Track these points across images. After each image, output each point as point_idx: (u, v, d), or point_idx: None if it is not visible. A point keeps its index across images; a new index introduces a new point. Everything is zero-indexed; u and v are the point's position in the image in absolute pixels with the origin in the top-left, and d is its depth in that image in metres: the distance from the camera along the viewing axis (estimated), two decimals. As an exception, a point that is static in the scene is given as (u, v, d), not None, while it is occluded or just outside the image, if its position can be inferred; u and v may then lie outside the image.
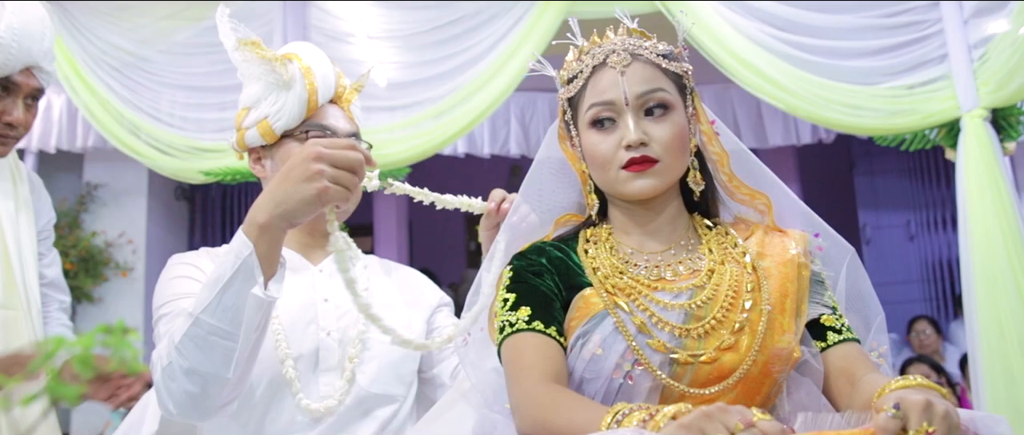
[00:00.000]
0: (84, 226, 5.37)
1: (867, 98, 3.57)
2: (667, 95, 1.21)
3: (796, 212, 1.32)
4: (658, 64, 1.22)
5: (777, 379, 1.14)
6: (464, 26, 3.87)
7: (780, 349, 1.13)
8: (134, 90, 3.88)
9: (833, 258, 1.31)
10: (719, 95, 5.11)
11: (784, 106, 3.64)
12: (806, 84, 3.59)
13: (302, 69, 1.55)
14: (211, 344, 1.21)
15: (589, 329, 1.15)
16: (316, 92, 1.55)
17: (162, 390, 1.26)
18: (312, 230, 1.59)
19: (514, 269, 1.24)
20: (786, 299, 1.17)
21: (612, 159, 1.20)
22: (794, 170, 5.87)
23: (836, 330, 1.20)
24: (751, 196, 1.31)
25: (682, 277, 1.20)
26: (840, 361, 1.17)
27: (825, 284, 1.24)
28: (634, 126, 1.19)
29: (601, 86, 1.22)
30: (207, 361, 1.21)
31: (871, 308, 1.31)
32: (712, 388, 1.11)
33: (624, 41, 1.25)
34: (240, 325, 1.21)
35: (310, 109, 1.55)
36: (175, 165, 3.94)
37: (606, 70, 1.22)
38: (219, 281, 1.21)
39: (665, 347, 1.12)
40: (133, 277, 5.28)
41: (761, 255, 1.22)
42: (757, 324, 1.14)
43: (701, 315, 1.15)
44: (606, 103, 1.21)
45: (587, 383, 1.15)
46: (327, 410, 1.44)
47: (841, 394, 1.16)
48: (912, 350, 5.00)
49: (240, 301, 1.20)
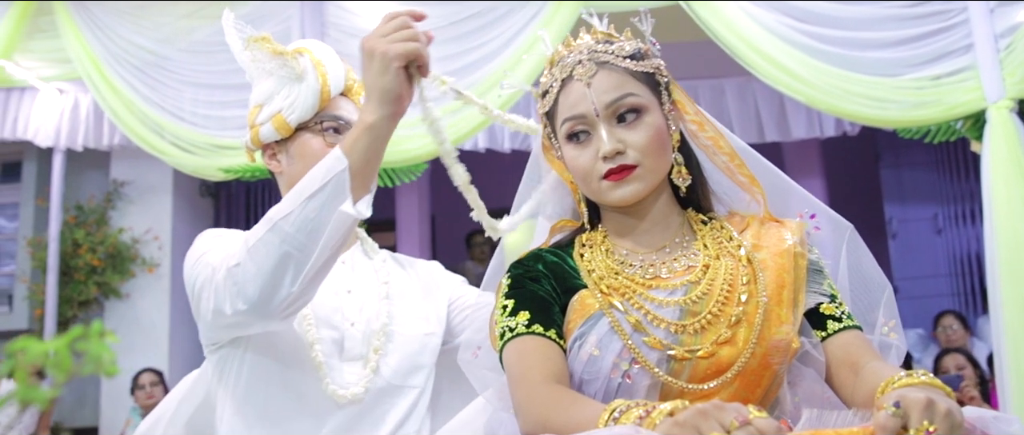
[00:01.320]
0: (111, 223, 5.46)
1: (890, 90, 3.52)
2: (637, 99, 1.20)
3: (791, 193, 1.31)
4: (626, 68, 1.21)
5: (777, 371, 1.13)
6: (481, 21, 3.87)
7: (778, 340, 1.13)
8: (155, 88, 3.94)
9: (832, 239, 1.30)
10: (741, 88, 5.06)
11: (805, 99, 3.60)
12: (827, 76, 3.55)
13: (313, 61, 1.56)
14: (284, 254, 1.23)
15: (585, 330, 1.16)
16: (328, 83, 1.56)
17: (223, 290, 1.28)
18: None
19: (512, 276, 1.25)
20: (783, 290, 1.17)
21: (592, 171, 1.20)
22: (818, 163, 5.80)
23: (836, 318, 1.18)
24: (751, 181, 1.30)
25: (677, 274, 1.20)
26: (841, 350, 1.16)
27: (824, 272, 1.23)
28: (607, 137, 1.18)
29: (571, 100, 1.22)
30: (275, 270, 1.23)
31: (876, 283, 1.29)
32: (711, 383, 1.11)
33: (590, 47, 1.24)
34: (317, 240, 1.22)
35: (323, 100, 1.56)
36: (196, 162, 3.99)
37: (573, 83, 1.22)
38: (305, 191, 1.22)
39: (662, 344, 1.12)
40: (160, 273, 5.36)
41: (757, 247, 1.21)
42: (754, 316, 1.13)
43: (697, 310, 1.14)
44: (577, 117, 1.21)
45: (587, 384, 1.15)
46: (354, 397, 1.46)
47: (844, 384, 1.14)
48: (939, 345, 4.92)
49: (323, 215, 1.22)
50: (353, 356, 1.51)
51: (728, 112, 5.20)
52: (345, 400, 1.46)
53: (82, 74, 4.17)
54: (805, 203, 1.31)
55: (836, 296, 1.21)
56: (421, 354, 1.57)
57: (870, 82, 3.53)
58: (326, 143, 1.55)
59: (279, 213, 1.25)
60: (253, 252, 1.25)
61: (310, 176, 1.25)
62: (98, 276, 5.29)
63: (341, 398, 1.46)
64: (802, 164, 5.80)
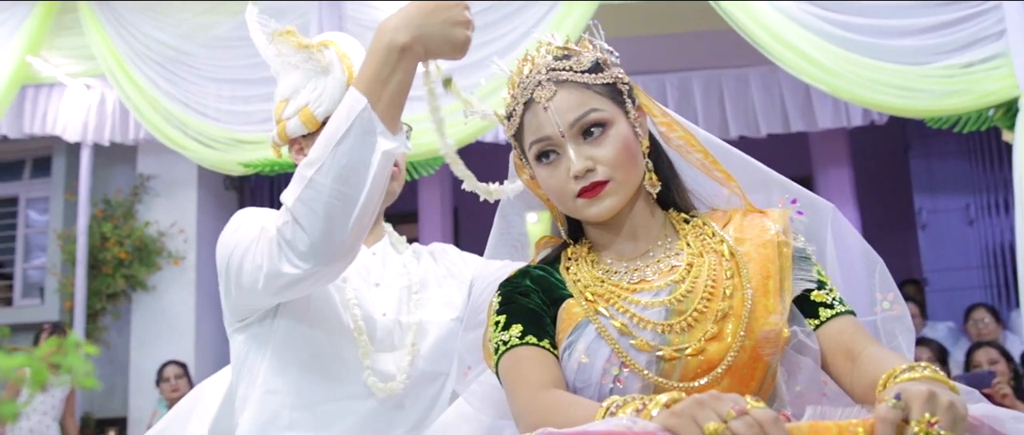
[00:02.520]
0: (138, 216, 5.53)
1: (918, 78, 3.44)
2: (600, 113, 1.20)
3: (770, 182, 1.31)
4: (585, 83, 1.21)
5: (769, 363, 1.13)
6: (499, 12, 3.85)
7: (768, 331, 1.12)
8: (177, 84, 3.97)
9: (816, 222, 1.29)
10: (766, 77, 4.98)
11: (830, 89, 3.54)
12: (853, 66, 3.48)
13: (339, 54, 1.56)
14: (329, 204, 1.22)
15: (574, 339, 1.17)
16: (354, 74, 1.54)
17: (276, 250, 1.28)
18: None
19: (502, 294, 1.26)
20: (768, 280, 1.16)
21: (565, 190, 1.20)
22: (846, 153, 5.71)
23: (827, 305, 1.18)
24: (726, 177, 1.30)
25: (662, 275, 1.20)
26: (836, 337, 1.15)
27: (810, 259, 1.22)
28: (575, 156, 1.18)
29: (535, 124, 1.21)
30: (326, 220, 1.22)
31: (868, 259, 1.29)
32: (702, 380, 1.11)
33: (548, 66, 1.22)
34: (358, 184, 1.22)
35: None
36: (215, 157, 4.02)
37: (535, 105, 1.21)
38: (331, 139, 1.22)
39: (649, 346, 1.12)
40: (185, 266, 5.41)
41: (739, 240, 1.21)
42: (741, 309, 1.13)
43: (682, 309, 1.14)
44: (543, 139, 1.21)
45: (580, 392, 1.15)
46: (390, 391, 1.48)
47: (842, 371, 1.13)
48: (969, 339, 4.83)
49: (355, 158, 1.21)
50: (384, 348, 1.52)
51: (753, 102, 5.13)
52: (383, 393, 1.48)
53: (105, 70, 4.22)
54: (785, 190, 1.30)
55: (825, 283, 1.21)
56: (449, 339, 1.57)
57: (898, 71, 3.46)
58: None
59: (311, 167, 1.23)
60: (296, 211, 1.24)
61: (334, 121, 1.24)
62: (125, 269, 5.36)
63: (380, 391, 1.47)
64: (829, 154, 5.72)
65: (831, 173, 5.74)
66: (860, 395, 1.09)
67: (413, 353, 1.52)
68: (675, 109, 1.34)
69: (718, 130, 5.24)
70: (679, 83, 5.26)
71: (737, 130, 5.19)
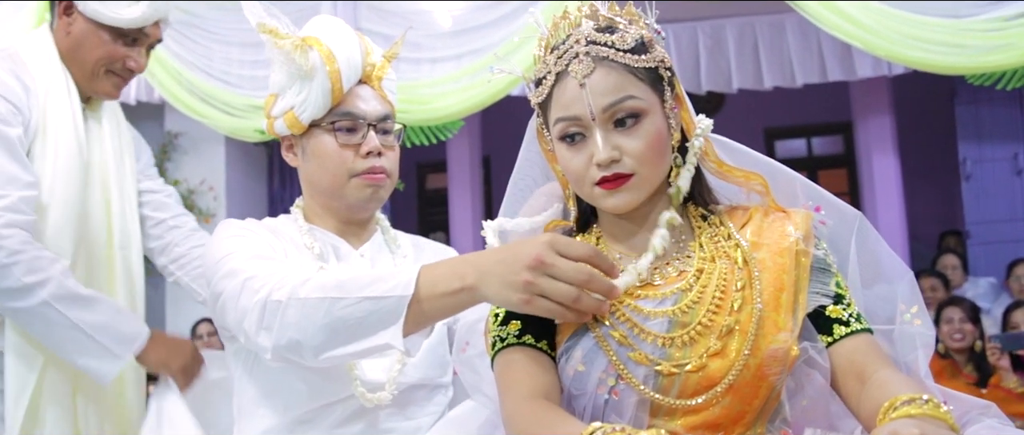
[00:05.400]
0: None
1: (958, 33, 3.27)
2: (637, 102, 1.11)
3: (794, 186, 1.23)
4: (627, 65, 1.11)
5: (774, 383, 1.07)
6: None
7: (775, 349, 1.06)
8: (190, 49, 3.92)
9: (841, 231, 1.21)
10: (803, 24, 4.76)
11: (867, 47, 3.38)
12: (891, 20, 3.32)
13: (323, 55, 1.49)
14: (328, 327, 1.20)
15: (572, 344, 1.12)
16: (340, 79, 1.50)
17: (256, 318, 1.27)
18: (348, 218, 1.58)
19: None
20: (781, 293, 1.10)
21: (585, 176, 1.12)
22: (888, 102, 5.49)
23: (843, 322, 1.11)
24: (745, 178, 1.22)
25: (669, 280, 1.14)
26: (848, 357, 1.09)
27: (830, 270, 1.14)
28: (602, 144, 1.10)
29: (565, 99, 1.12)
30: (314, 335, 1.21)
31: (895, 271, 1.21)
32: (699, 398, 1.06)
33: (588, 37, 1.13)
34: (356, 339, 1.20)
35: (335, 97, 1.50)
36: (232, 124, 4.00)
37: (569, 79, 1.12)
38: (366, 288, 1.19)
39: (648, 360, 1.07)
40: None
41: (756, 245, 1.14)
42: (748, 325, 1.07)
43: (686, 321, 1.09)
44: (572, 118, 1.12)
45: (575, 399, 1.12)
46: (379, 401, 1.46)
47: (850, 393, 1.08)
48: (1011, 295, 4.68)
49: (368, 323, 1.18)
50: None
51: (789, 51, 4.94)
52: (372, 403, 1.46)
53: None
54: (810, 195, 1.22)
55: (844, 295, 1.14)
56: (441, 345, 1.55)
57: (938, 25, 3.28)
58: (339, 143, 1.51)
59: (339, 290, 1.20)
60: (292, 307, 1.22)
61: (380, 277, 1.19)
62: (156, 227, 5.44)
63: (368, 401, 1.46)
64: (870, 102, 5.51)
65: (871, 121, 5.54)
66: (866, 419, 1.05)
67: (402, 361, 1.48)
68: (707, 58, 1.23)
69: (752, 81, 5.07)
70: (712, 32, 5.08)
71: (772, 80, 5.01)
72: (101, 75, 1.85)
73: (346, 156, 1.51)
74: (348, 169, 1.52)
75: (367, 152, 1.51)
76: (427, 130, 3.87)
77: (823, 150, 7.79)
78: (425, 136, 3.90)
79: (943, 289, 4.55)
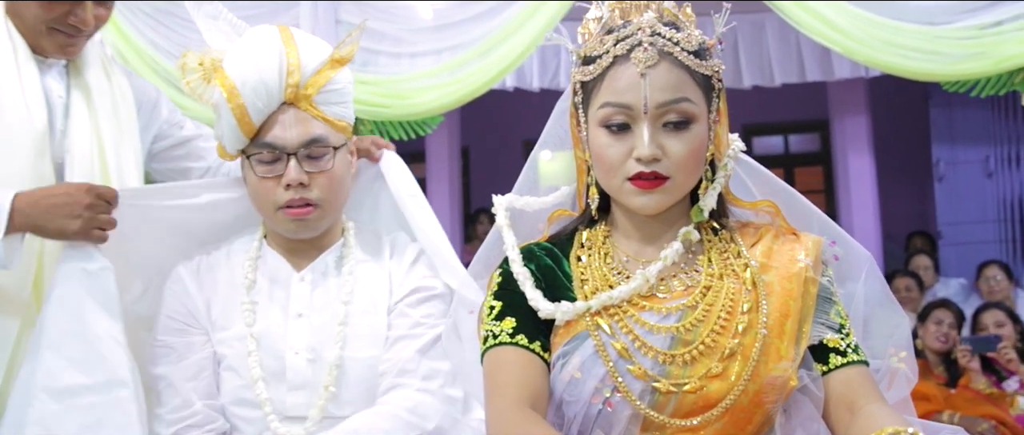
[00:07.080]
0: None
1: (933, 40, 3.30)
2: (691, 106, 1.09)
3: (811, 220, 1.23)
4: (688, 67, 1.09)
5: (769, 410, 1.07)
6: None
7: (775, 377, 1.06)
8: (166, 36, 3.85)
9: (851, 267, 1.22)
10: (782, 24, 4.79)
11: (844, 51, 3.41)
12: (869, 25, 3.34)
13: (226, 91, 1.41)
14: None
15: (570, 350, 1.10)
16: (246, 113, 1.41)
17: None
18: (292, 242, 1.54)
19: (503, 274, 1.18)
20: (786, 320, 1.09)
21: (620, 168, 1.10)
22: (864, 103, 5.54)
23: (840, 352, 1.11)
24: (753, 207, 1.22)
25: (675, 294, 1.12)
26: (841, 387, 1.09)
27: (833, 299, 1.14)
28: (649, 140, 1.07)
29: (620, 85, 1.09)
30: None
31: (894, 315, 1.24)
32: (695, 419, 1.06)
33: (654, 29, 1.09)
34: None
35: (246, 130, 1.43)
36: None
37: (629, 66, 1.08)
38: None
39: (647, 375, 1.06)
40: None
41: (765, 267, 1.13)
42: (750, 350, 1.06)
43: (689, 339, 1.07)
44: (622, 106, 1.09)
45: (567, 405, 1.10)
46: None
47: (840, 422, 1.08)
48: (981, 296, 4.76)
49: None
50: (297, 385, 1.45)
51: (768, 50, 4.96)
52: None
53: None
54: (826, 230, 1.22)
55: (844, 325, 1.13)
56: (374, 377, 1.48)
57: (914, 31, 3.31)
58: (256, 176, 1.45)
59: None
60: None
61: None
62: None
63: None
64: (846, 102, 5.55)
65: (848, 121, 5.59)
66: None
67: (327, 396, 1.44)
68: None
69: (731, 79, 5.08)
70: (691, 29, 5.08)
71: (751, 79, 5.03)
72: (44, 32, 1.57)
73: (268, 187, 1.45)
74: (272, 201, 1.46)
75: (287, 184, 1.44)
76: (406, 125, 3.85)
77: (800, 147, 7.85)
78: (404, 131, 3.88)
79: (917, 289, 4.63)
